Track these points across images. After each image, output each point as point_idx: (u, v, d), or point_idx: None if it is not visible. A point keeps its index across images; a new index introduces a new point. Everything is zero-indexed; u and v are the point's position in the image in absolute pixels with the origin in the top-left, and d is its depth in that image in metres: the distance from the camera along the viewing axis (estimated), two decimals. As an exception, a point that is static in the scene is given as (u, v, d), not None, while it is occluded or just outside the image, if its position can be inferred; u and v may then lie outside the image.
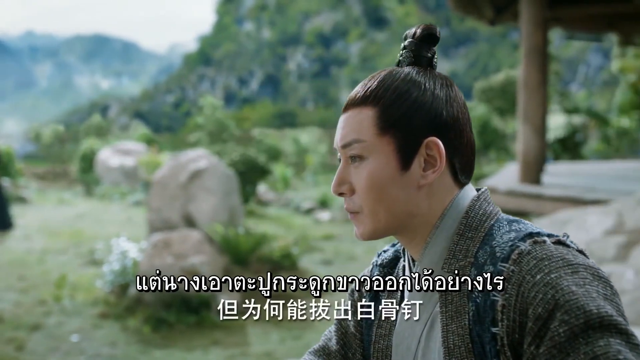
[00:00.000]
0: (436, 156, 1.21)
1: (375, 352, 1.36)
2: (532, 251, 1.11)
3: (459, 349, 1.16)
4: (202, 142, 24.76)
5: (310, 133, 29.22)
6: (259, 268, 8.89)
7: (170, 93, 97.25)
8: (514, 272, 1.10)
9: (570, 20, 15.00)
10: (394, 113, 1.21)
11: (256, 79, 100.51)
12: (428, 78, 1.24)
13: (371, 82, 1.25)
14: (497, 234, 1.18)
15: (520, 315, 1.07)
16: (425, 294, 1.25)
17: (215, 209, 9.57)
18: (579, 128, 21.22)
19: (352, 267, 10.77)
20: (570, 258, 1.09)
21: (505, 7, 13.21)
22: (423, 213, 1.24)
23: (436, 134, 1.21)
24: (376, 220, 1.24)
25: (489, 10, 13.49)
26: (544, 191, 9.00)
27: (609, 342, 0.99)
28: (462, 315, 1.17)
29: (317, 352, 1.45)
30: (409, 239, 1.27)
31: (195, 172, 9.78)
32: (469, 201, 1.25)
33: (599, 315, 1.01)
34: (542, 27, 9.87)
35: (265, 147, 25.05)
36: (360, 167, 1.23)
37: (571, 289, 1.04)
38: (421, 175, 1.22)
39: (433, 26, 1.27)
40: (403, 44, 1.30)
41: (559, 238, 1.15)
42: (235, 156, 14.59)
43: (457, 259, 1.20)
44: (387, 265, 1.41)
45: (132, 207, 16.71)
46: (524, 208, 9.12)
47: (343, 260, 11.27)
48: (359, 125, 1.23)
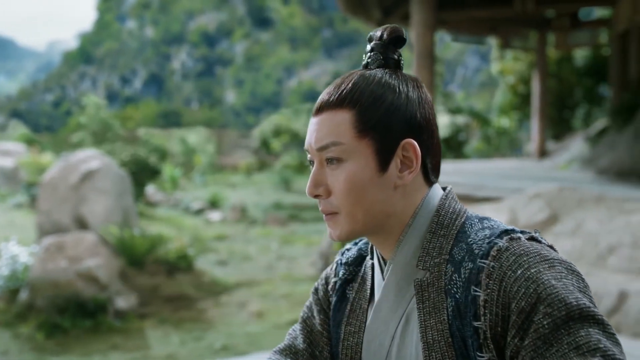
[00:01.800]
0: (412, 157, 1.24)
1: (344, 349, 1.37)
2: (510, 247, 1.15)
3: (439, 343, 1.19)
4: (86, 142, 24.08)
5: (198, 133, 28.95)
6: (156, 270, 8.75)
7: (49, 92, 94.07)
8: (495, 268, 1.13)
9: (455, 24, 15.46)
10: (372, 116, 1.23)
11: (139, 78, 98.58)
12: (400, 81, 1.27)
13: (344, 85, 1.26)
14: (471, 232, 1.22)
15: (502, 309, 1.11)
16: (400, 290, 1.27)
17: (108, 211, 9.35)
18: (462, 128, 21.89)
19: (247, 267, 10.75)
20: (546, 253, 1.15)
21: (393, 9, 13.50)
22: (398, 213, 1.26)
23: (411, 136, 1.24)
24: (354, 221, 1.25)
25: (377, 12, 13.75)
26: (436, 189, 9.24)
27: (589, 332, 1.05)
28: (440, 311, 1.20)
29: (282, 351, 1.44)
30: (383, 238, 1.29)
31: (87, 173, 9.52)
32: (439, 200, 1.29)
33: (579, 307, 1.07)
34: (432, 29, 10.13)
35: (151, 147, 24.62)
36: (338, 169, 1.24)
37: (551, 283, 1.09)
38: (398, 176, 1.24)
39: (399, 29, 1.29)
40: (370, 46, 1.31)
41: (532, 234, 1.20)
42: (126, 156, 14.30)
43: (431, 256, 1.23)
44: (353, 264, 1.42)
45: (14, 209, 16.08)
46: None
47: (238, 261, 11.23)
48: (337, 127, 1.23)
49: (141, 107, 64.27)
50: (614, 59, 14.55)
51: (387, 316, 1.29)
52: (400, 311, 1.27)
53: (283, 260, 11.36)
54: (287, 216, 16.58)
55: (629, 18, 12.78)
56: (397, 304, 1.28)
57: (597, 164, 12.72)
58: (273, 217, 16.19)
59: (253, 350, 6.68)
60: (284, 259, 11.46)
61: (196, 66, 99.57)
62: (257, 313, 8.04)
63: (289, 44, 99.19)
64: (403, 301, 1.27)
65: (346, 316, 1.38)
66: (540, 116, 16.92)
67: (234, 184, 23.25)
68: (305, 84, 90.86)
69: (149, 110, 63.97)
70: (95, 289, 7.57)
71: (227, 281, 9.48)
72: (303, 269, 10.62)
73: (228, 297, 8.80)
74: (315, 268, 10.14)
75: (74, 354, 6.67)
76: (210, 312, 8.13)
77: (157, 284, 8.49)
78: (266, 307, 8.31)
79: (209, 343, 6.95)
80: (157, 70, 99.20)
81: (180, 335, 7.19)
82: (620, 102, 13.47)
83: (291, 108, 38.28)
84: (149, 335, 7.22)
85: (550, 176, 11.97)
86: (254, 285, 9.41)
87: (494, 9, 14.31)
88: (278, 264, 11.11)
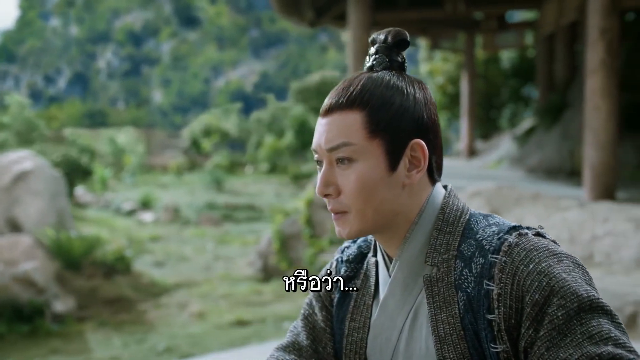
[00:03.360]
0: (420, 157, 1.28)
1: (349, 345, 1.40)
2: (520, 243, 1.20)
3: (451, 336, 1.23)
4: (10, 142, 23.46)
5: (127, 133, 28.53)
6: (93, 272, 8.62)
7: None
8: (507, 262, 1.19)
9: (387, 25, 15.63)
10: (382, 117, 1.26)
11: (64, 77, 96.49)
12: (407, 83, 1.31)
13: (353, 87, 1.29)
14: (477, 228, 1.27)
15: (516, 302, 1.17)
16: (407, 286, 1.32)
17: (42, 213, 9.16)
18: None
19: (185, 268, 10.69)
20: (553, 248, 1.21)
21: (325, 9, 13.57)
22: (405, 211, 1.30)
23: (419, 136, 1.28)
24: (364, 219, 1.28)
25: (310, 13, 13.80)
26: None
27: (600, 322, 1.12)
28: (451, 305, 1.24)
29: (286, 347, 1.46)
30: (389, 236, 1.32)
31: (19, 174, 9.31)
32: (442, 197, 1.34)
33: (589, 299, 1.13)
34: (369, 30, 10.24)
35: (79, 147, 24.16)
36: (348, 169, 1.27)
37: (562, 276, 1.15)
38: (406, 175, 1.28)
39: (404, 32, 1.34)
40: (374, 49, 1.36)
41: (538, 230, 1.26)
42: (57, 157, 14.02)
43: (438, 252, 1.28)
44: (354, 261, 1.45)
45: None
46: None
47: (175, 262, 11.15)
48: (348, 128, 1.26)
49: (66, 106, 62.96)
50: (541, 60, 14.95)
51: (394, 312, 1.33)
52: (407, 307, 1.31)
53: (220, 261, 11.33)
54: (221, 216, 16.52)
55: (555, 21, 13.15)
56: (404, 300, 1.32)
57: (526, 163, 13.06)
58: (206, 218, 16.11)
59: (197, 351, 6.66)
60: (221, 259, 11.43)
61: (122, 65, 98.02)
62: (198, 314, 8.00)
63: (216, 44, 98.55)
64: (410, 297, 1.31)
65: (350, 312, 1.41)
66: (469, 116, 17.26)
67: (165, 185, 23.01)
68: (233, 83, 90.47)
69: (74, 110, 62.74)
70: (31, 292, 7.42)
71: (166, 282, 9.41)
72: (241, 269, 10.61)
73: (168, 298, 8.74)
74: (253, 268, 10.15)
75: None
76: (150, 314, 8.06)
77: (95, 287, 8.37)
78: (206, 307, 8.28)
79: (151, 345, 6.89)
80: (82, 69, 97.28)
81: (121, 338, 7.11)
82: (547, 102, 13.85)
83: (221, 108, 38.09)
84: (89, 339, 7.11)
85: (481, 175, 12.23)
86: (193, 286, 9.36)
87: (425, 11, 14.54)
88: (215, 264, 11.08)
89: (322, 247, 9.24)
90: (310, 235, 9.58)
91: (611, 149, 7.28)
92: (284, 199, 19.30)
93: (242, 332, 7.34)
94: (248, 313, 7.97)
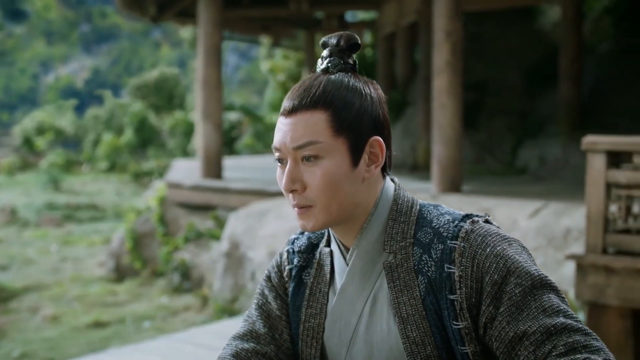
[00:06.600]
0: (378, 152, 1.40)
1: (305, 330, 1.49)
2: (475, 229, 1.35)
3: (413, 316, 1.36)
4: None
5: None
6: None
7: None
8: (465, 247, 1.33)
9: (232, 22, 15.70)
10: (346, 117, 1.36)
11: None
12: (363, 84, 1.42)
13: (314, 88, 1.38)
14: (431, 217, 1.41)
15: (476, 282, 1.31)
16: (365, 273, 1.43)
17: None
18: (235, 124, 22.20)
19: (31, 271, 10.31)
20: (503, 233, 1.37)
21: (168, 6, 13.42)
22: (363, 203, 1.41)
23: (377, 133, 1.41)
24: (329, 213, 1.38)
25: (152, 8, 13.61)
26: (229, 185, 9.37)
27: (550, 297, 1.28)
28: (412, 288, 1.37)
29: (244, 336, 1.52)
30: (347, 227, 1.43)
31: None
32: (393, 190, 1.46)
33: (540, 277, 1.30)
34: (219, 27, 10.25)
35: None
36: (314, 166, 1.36)
37: (515, 258, 1.31)
38: (366, 170, 1.40)
39: (355, 36, 1.44)
40: (327, 52, 1.45)
41: (486, 218, 1.42)
42: None
43: (395, 240, 1.40)
44: (305, 252, 1.55)
45: None
46: (210, 202, 9.42)
47: (20, 265, 10.73)
48: (313, 128, 1.35)
49: None
50: (381, 59, 15.46)
51: (353, 297, 1.43)
52: (366, 292, 1.42)
53: (68, 262, 11.00)
54: (62, 216, 15.98)
55: (395, 21, 13.64)
56: (363, 286, 1.43)
57: (370, 158, 13.48)
58: (47, 218, 15.54)
59: (55, 355, 6.49)
60: (69, 261, 11.10)
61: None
62: (51, 317, 7.76)
63: (44, 38, 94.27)
64: (368, 283, 1.42)
65: (306, 300, 1.51)
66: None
67: (-3, 185, 21.94)
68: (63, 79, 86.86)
69: None
70: None
71: (13, 286, 9.04)
72: (91, 269, 10.35)
73: (17, 302, 8.41)
74: (105, 268, 9.93)
75: None
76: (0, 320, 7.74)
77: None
78: (60, 310, 8.04)
79: (5, 352, 6.63)
80: None
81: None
82: (388, 100, 14.34)
83: (54, 104, 36.68)
84: None
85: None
86: (42, 289, 9.05)
87: (269, 9, 14.68)
88: (63, 265, 10.74)
89: (177, 245, 9.18)
90: (164, 234, 9.49)
91: (457, 145, 7.69)
92: (125, 198, 18.93)
93: (101, 333, 7.20)
94: (105, 314, 7.82)
